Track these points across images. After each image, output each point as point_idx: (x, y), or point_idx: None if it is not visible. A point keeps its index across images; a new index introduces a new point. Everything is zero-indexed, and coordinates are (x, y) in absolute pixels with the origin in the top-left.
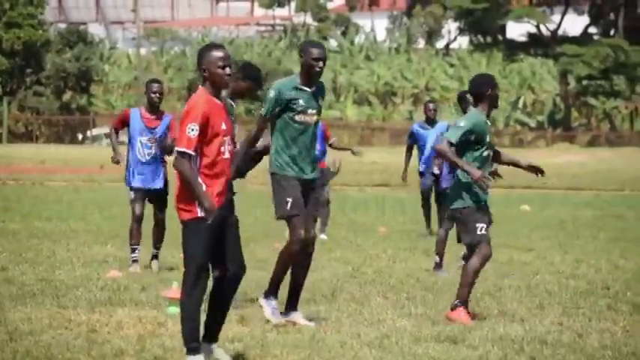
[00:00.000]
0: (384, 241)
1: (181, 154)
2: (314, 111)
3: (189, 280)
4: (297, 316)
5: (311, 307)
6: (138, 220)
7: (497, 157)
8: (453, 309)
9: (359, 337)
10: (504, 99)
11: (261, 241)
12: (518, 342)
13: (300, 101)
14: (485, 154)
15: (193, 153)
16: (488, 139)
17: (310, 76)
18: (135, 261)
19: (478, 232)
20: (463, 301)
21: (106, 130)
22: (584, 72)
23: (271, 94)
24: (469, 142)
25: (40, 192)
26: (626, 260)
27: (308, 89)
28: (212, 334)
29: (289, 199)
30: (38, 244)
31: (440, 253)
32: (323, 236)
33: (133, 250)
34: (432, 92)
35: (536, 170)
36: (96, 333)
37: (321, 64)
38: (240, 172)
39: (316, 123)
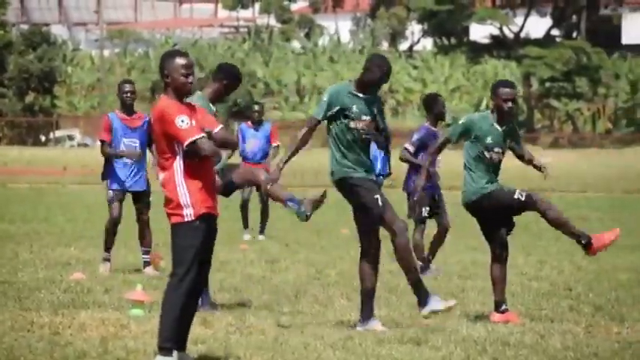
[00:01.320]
0: (347, 243)
1: (193, 143)
2: (368, 117)
3: (175, 281)
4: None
5: (274, 309)
6: (115, 222)
7: (522, 159)
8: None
9: (322, 338)
10: (467, 101)
11: (224, 243)
12: (480, 343)
13: (354, 108)
14: (486, 155)
15: (204, 134)
16: (489, 141)
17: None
18: (107, 260)
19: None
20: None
21: (69, 132)
22: (547, 74)
23: (325, 97)
24: (473, 142)
25: (3, 194)
26: (589, 262)
27: (362, 95)
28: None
29: (377, 196)
30: (1, 246)
31: (420, 258)
32: (261, 237)
33: (107, 250)
34: (395, 94)
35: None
36: (59, 335)
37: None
38: (227, 191)
39: (377, 129)
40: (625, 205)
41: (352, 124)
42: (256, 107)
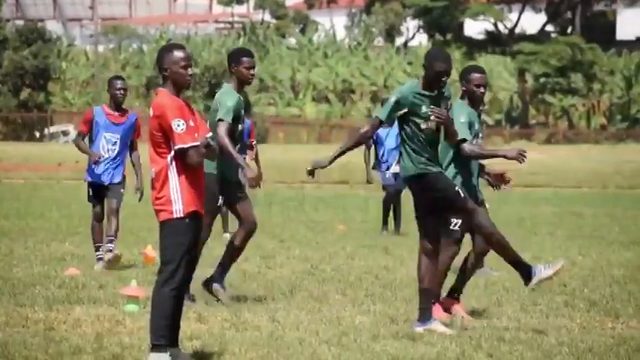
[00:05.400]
0: (342, 239)
1: (188, 150)
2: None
3: (163, 277)
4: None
5: (269, 305)
6: (98, 218)
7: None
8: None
9: (317, 334)
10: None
11: (219, 239)
12: (475, 339)
13: (423, 107)
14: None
15: (197, 143)
16: (477, 128)
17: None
18: (100, 259)
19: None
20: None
21: (63, 127)
22: (542, 70)
23: (392, 98)
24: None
25: None
26: (584, 257)
27: (431, 93)
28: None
29: (459, 189)
30: None
31: None
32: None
33: (97, 249)
34: (390, 90)
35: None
36: (53, 331)
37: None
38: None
39: (438, 128)
40: (619, 200)
41: (423, 125)
42: None
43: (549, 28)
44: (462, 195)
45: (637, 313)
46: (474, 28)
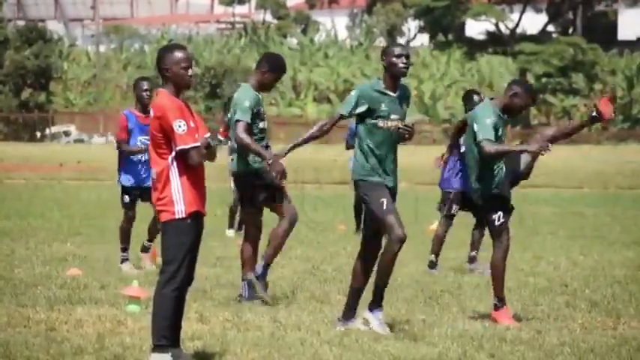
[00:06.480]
0: (343, 239)
1: (189, 150)
2: (397, 116)
3: (164, 278)
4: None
5: (271, 305)
6: (131, 221)
7: None
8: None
9: (319, 334)
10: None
11: (220, 239)
12: (477, 339)
13: (383, 106)
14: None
15: (197, 144)
16: (500, 134)
17: (394, 76)
18: (126, 260)
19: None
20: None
21: (65, 127)
22: (543, 70)
23: (353, 93)
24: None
25: None
26: (585, 257)
27: (392, 94)
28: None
29: (383, 200)
30: None
31: (436, 251)
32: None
33: (124, 250)
34: None
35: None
36: (55, 331)
37: (404, 59)
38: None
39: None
40: (620, 200)
41: (380, 123)
42: None
43: (550, 28)
44: (385, 208)
45: (638, 313)
46: (476, 28)
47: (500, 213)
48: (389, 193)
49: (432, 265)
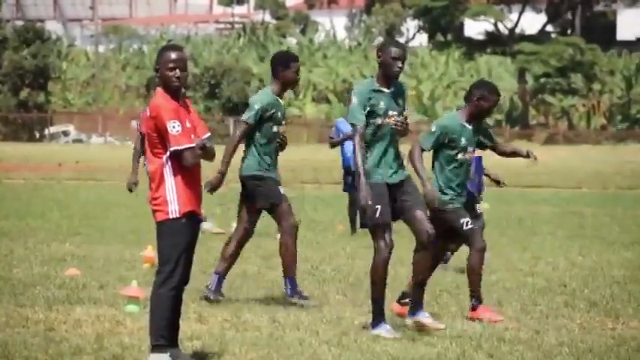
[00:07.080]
0: (342, 239)
1: (182, 151)
2: (395, 112)
3: (161, 278)
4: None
5: (269, 305)
6: None
7: (498, 152)
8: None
9: (317, 334)
10: (462, 97)
11: (219, 239)
12: (476, 339)
13: (382, 104)
14: (459, 157)
15: (192, 144)
16: (464, 143)
17: (387, 76)
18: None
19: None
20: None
21: (64, 127)
22: (542, 70)
23: (354, 99)
24: (443, 143)
25: None
26: (584, 257)
27: (386, 90)
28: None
29: (378, 207)
30: None
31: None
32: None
33: None
34: None
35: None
36: (54, 331)
37: (399, 63)
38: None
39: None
40: (620, 200)
41: (379, 120)
42: None
43: (549, 28)
44: (377, 215)
45: (637, 313)
46: (474, 28)
47: (466, 219)
48: (398, 187)
49: (445, 260)
